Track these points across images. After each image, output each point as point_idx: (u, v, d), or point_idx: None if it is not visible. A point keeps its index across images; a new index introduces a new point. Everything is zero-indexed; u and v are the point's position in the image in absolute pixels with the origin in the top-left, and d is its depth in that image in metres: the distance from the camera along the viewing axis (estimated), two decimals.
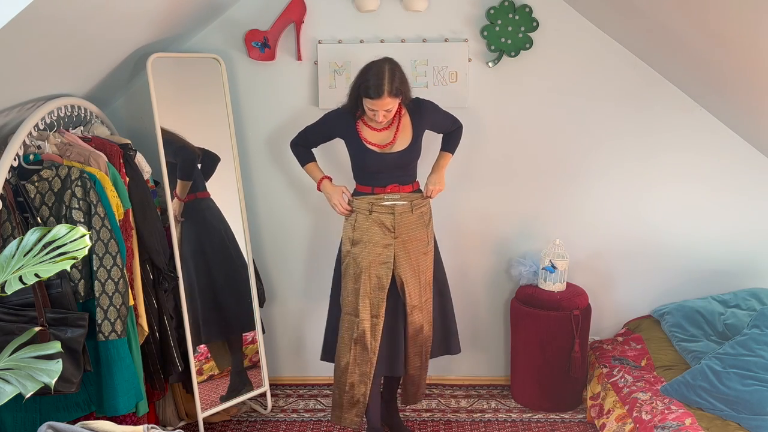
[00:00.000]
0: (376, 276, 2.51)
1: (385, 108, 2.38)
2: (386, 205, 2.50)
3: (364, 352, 2.52)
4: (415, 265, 2.56)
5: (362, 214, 2.51)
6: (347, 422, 2.60)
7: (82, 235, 1.48)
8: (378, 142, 2.50)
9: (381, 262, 2.51)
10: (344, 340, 2.54)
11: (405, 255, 2.53)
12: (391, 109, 2.40)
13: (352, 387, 2.54)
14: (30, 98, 2.18)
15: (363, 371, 2.53)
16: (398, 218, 2.51)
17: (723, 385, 2.30)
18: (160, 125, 2.63)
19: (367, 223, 2.51)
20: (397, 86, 2.37)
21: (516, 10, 2.83)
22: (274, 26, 2.86)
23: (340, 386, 2.57)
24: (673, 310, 2.93)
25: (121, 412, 2.19)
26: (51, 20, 1.79)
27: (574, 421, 2.93)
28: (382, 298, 2.51)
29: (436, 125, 2.64)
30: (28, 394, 1.37)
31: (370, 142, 2.50)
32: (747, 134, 2.91)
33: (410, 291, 2.54)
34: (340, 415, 2.60)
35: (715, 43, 2.30)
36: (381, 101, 2.35)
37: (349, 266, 2.54)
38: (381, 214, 2.50)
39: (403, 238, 2.53)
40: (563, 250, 2.94)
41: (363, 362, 2.52)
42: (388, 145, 2.50)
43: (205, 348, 2.82)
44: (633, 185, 3.05)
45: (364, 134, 2.51)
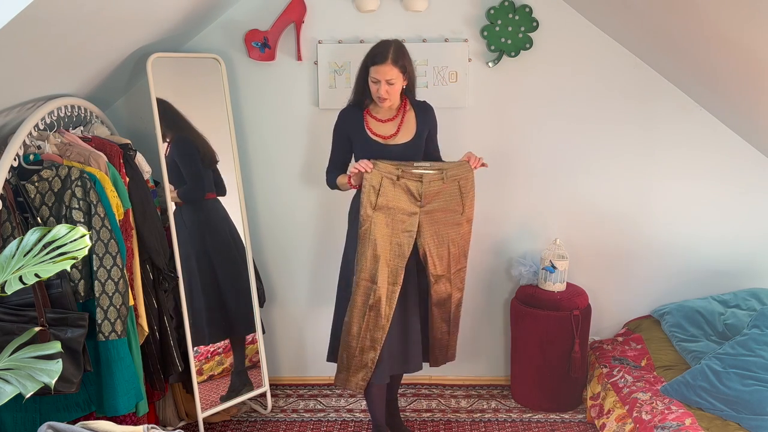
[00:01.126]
0: (398, 243, 2.46)
1: (388, 77, 2.37)
2: (415, 173, 2.45)
3: (377, 319, 2.47)
4: (442, 235, 2.52)
5: (389, 179, 2.43)
6: (353, 386, 2.55)
7: (82, 235, 1.48)
8: (382, 133, 2.51)
9: (404, 230, 2.47)
10: (357, 306, 2.49)
11: (430, 225, 2.50)
12: (394, 84, 2.39)
13: (362, 352, 2.50)
14: (30, 98, 2.18)
15: (374, 337, 2.49)
16: (426, 186, 2.46)
17: (723, 385, 2.30)
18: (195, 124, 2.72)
19: (394, 189, 2.44)
20: (401, 60, 2.38)
21: (516, 10, 2.83)
22: (274, 26, 2.86)
23: (350, 351, 2.51)
24: (673, 310, 2.93)
25: (121, 412, 2.19)
26: (51, 20, 1.79)
27: (574, 421, 2.93)
28: (402, 267, 2.48)
29: (430, 137, 2.62)
30: (28, 394, 1.37)
31: (375, 133, 2.51)
32: (747, 134, 2.92)
33: (434, 261, 2.51)
34: (346, 378, 2.55)
35: (715, 43, 2.30)
36: (384, 67, 2.36)
37: (369, 232, 2.45)
38: (409, 181, 2.45)
39: (430, 207, 2.49)
40: (563, 250, 2.94)
41: (375, 328, 2.48)
42: (392, 137, 2.51)
43: (205, 347, 2.82)
44: (633, 185, 3.05)
45: (369, 125, 2.51)
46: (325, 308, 3.18)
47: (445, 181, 2.48)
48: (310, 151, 3.06)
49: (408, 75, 2.45)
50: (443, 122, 2.99)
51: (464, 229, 2.58)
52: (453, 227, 2.55)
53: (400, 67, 2.39)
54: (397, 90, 2.44)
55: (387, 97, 2.42)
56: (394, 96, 2.44)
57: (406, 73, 2.43)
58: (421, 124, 2.55)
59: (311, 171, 3.07)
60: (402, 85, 2.45)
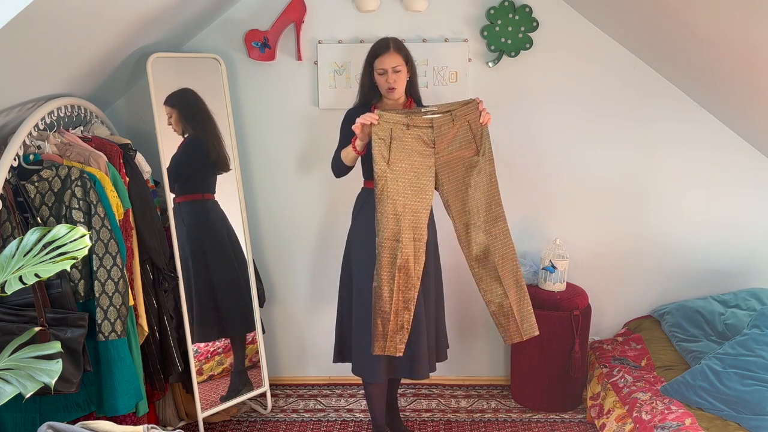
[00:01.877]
0: (418, 197, 2.39)
1: (393, 65, 2.41)
2: (425, 118, 2.37)
3: (407, 278, 2.41)
4: (462, 180, 2.43)
5: (398, 128, 2.35)
6: (393, 350, 2.45)
7: (82, 235, 1.48)
8: None
9: (422, 182, 2.39)
10: (385, 268, 2.39)
11: (448, 171, 2.42)
12: (401, 72, 2.43)
13: (396, 314, 2.43)
14: (30, 98, 2.18)
15: (407, 297, 2.43)
16: (437, 131, 2.37)
17: (723, 385, 2.30)
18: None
19: (404, 139, 2.36)
20: (403, 49, 2.45)
21: (516, 10, 2.83)
22: (274, 26, 2.86)
23: (384, 315, 2.42)
24: (673, 310, 2.93)
25: (121, 412, 2.19)
26: (51, 20, 1.79)
27: (574, 421, 2.93)
28: (425, 220, 2.41)
29: None
30: (28, 394, 1.37)
31: None
32: (747, 134, 2.92)
33: (458, 208, 2.44)
34: (384, 344, 2.44)
35: (715, 43, 2.30)
36: (388, 56, 2.41)
37: (385, 189, 2.36)
38: (419, 129, 2.37)
39: (446, 153, 2.41)
40: (563, 250, 2.94)
41: (407, 288, 2.42)
42: None
43: (204, 347, 2.82)
44: (633, 185, 3.05)
45: None
46: (325, 308, 3.18)
47: (455, 123, 2.39)
48: (310, 150, 3.06)
49: (410, 66, 2.49)
50: None
51: (486, 170, 2.44)
52: (472, 170, 2.43)
53: (404, 55, 2.45)
54: (403, 79, 2.46)
55: (395, 86, 2.43)
56: (401, 85, 2.46)
57: (409, 63, 2.48)
58: None
59: (311, 171, 3.07)
60: (406, 76, 2.48)
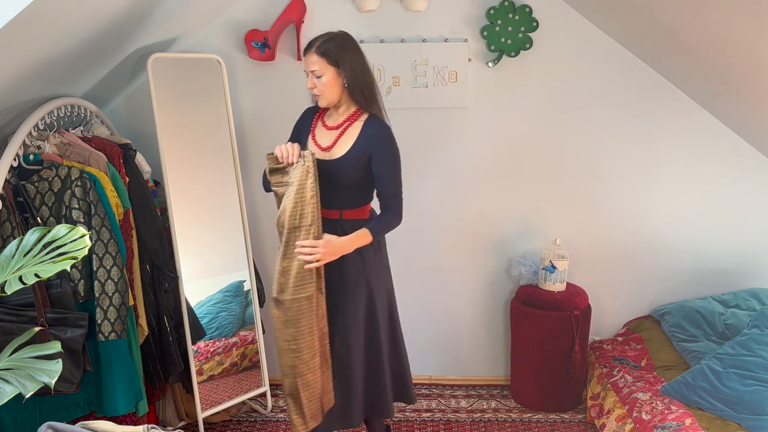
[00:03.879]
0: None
1: (312, 68, 2.10)
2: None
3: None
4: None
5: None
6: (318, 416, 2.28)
7: (82, 235, 1.48)
8: (321, 142, 2.22)
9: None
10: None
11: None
12: (321, 76, 2.10)
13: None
14: (30, 98, 2.18)
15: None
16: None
17: (723, 385, 2.30)
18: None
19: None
20: (330, 49, 2.08)
21: (516, 10, 2.83)
22: (274, 26, 2.86)
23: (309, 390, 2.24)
24: (673, 310, 2.93)
25: (121, 412, 2.19)
26: (51, 20, 1.79)
27: (574, 421, 2.93)
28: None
29: (378, 164, 2.16)
30: (28, 394, 1.37)
31: (316, 141, 2.24)
32: (747, 135, 2.92)
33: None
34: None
35: (715, 43, 2.30)
36: (309, 57, 2.10)
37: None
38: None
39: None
40: (563, 250, 2.94)
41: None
42: (329, 149, 2.19)
43: (204, 347, 2.82)
44: (633, 185, 3.05)
45: (315, 130, 2.27)
46: None
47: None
48: None
49: (345, 70, 2.11)
50: (443, 122, 3.00)
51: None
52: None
53: (327, 55, 2.09)
54: (328, 85, 2.12)
55: (318, 93, 2.15)
56: (326, 92, 2.14)
57: (340, 67, 2.10)
58: (360, 143, 2.15)
59: None
60: (341, 82, 2.13)
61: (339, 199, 2.20)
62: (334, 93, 2.15)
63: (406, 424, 2.92)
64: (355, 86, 2.14)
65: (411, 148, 3.03)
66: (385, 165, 2.17)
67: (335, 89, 2.14)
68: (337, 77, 2.12)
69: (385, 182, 2.18)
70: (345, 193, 2.20)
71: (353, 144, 2.15)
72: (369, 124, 2.16)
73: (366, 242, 2.15)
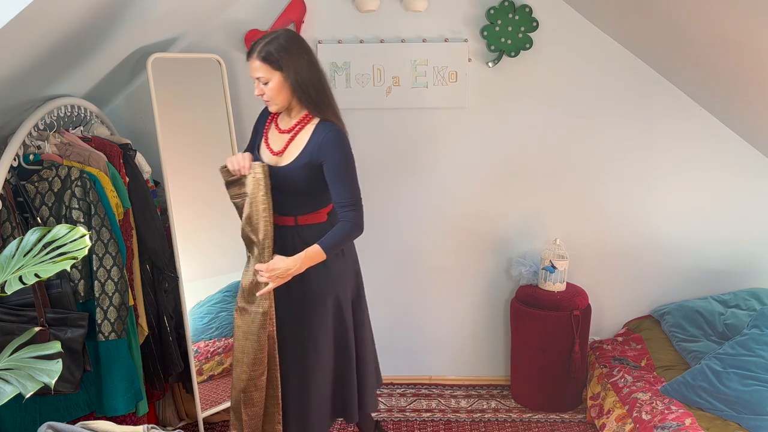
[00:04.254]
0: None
1: (257, 75, 2.01)
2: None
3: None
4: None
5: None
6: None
7: (82, 235, 1.48)
8: (274, 146, 2.14)
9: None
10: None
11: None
12: (267, 82, 2.01)
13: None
14: (30, 98, 2.18)
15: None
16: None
17: (723, 385, 2.30)
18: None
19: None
20: (272, 53, 1.97)
21: (516, 10, 2.83)
22: (274, 26, 2.86)
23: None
24: (673, 310, 2.93)
25: (121, 412, 2.19)
26: (51, 20, 1.79)
27: (574, 421, 2.93)
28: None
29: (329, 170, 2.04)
30: (28, 394, 1.37)
31: (269, 145, 2.16)
32: (747, 134, 2.92)
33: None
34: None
35: (716, 43, 2.30)
36: (252, 63, 2.01)
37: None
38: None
39: None
40: (563, 250, 2.94)
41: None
42: (280, 153, 2.11)
43: (204, 347, 2.82)
44: (633, 184, 3.05)
45: (269, 133, 2.19)
46: None
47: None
48: None
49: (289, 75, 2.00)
50: (443, 122, 3.00)
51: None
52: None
53: (269, 60, 1.98)
54: (276, 90, 2.02)
55: (267, 99, 2.06)
56: (275, 98, 2.04)
57: (283, 70, 1.99)
58: (309, 149, 2.05)
59: None
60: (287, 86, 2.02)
61: (293, 205, 2.12)
62: (284, 98, 2.05)
63: (406, 424, 2.92)
64: (300, 90, 2.02)
65: (411, 148, 3.04)
66: (337, 170, 2.03)
67: (284, 94, 2.04)
68: (284, 81, 2.01)
69: (338, 189, 2.04)
70: (299, 200, 2.12)
71: (302, 150, 2.06)
72: (319, 128, 2.05)
73: (320, 260, 2.03)
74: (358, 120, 2.97)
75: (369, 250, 3.09)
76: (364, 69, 2.92)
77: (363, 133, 2.99)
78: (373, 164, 3.03)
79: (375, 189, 3.05)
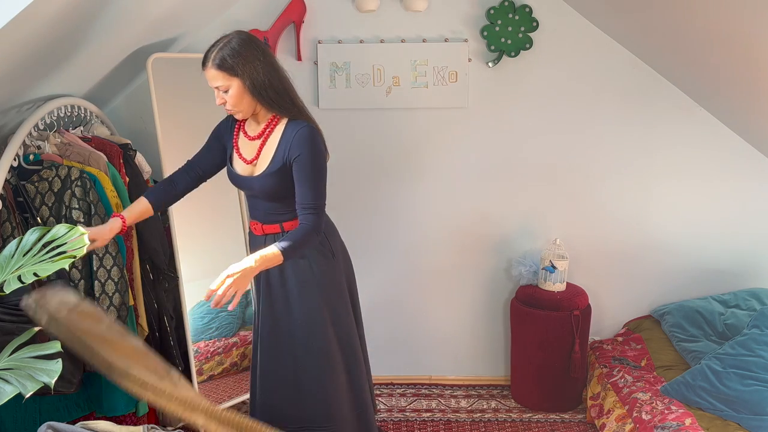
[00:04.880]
0: None
1: (215, 84, 1.92)
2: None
3: None
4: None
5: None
6: None
7: (80, 234, 1.48)
8: (246, 155, 2.05)
9: None
10: None
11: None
12: (227, 90, 1.92)
13: None
14: (30, 98, 2.18)
15: None
16: None
17: (723, 385, 2.30)
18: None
19: None
20: (225, 59, 1.88)
21: (516, 10, 2.83)
22: (274, 26, 2.86)
23: None
24: (673, 310, 2.93)
25: (121, 412, 2.19)
26: (51, 20, 1.79)
27: (574, 421, 2.93)
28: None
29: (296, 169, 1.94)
30: (28, 394, 1.37)
31: (240, 154, 2.06)
32: (747, 134, 2.91)
33: None
34: None
35: (716, 43, 2.30)
36: (207, 73, 1.92)
37: None
38: None
39: None
40: (563, 250, 2.94)
41: None
42: (253, 162, 2.02)
43: (204, 347, 2.82)
44: (633, 185, 3.05)
45: (239, 142, 2.08)
46: None
47: None
48: None
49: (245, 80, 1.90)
50: (443, 122, 3.00)
51: None
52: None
53: (224, 67, 1.89)
54: (237, 98, 1.92)
55: (229, 108, 1.96)
56: (238, 105, 1.94)
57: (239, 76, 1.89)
58: (280, 152, 1.95)
59: None
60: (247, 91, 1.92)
61: (276, 212, 2.04)
62: (247, 104, 1.94)
63: (406, 424, 2.92)
64: (260, 94, 1.91)
65: (411, 148, 3.04)
66: (305, 169, 1.92)
67: (246, 100, 1.93)
68: (243, 87, 1.91)
69: (303, 190, 1.93)
70: (282, 205, 2.03)
71: (274, 154, 1.97)
72: (289, 128, 1.96)
73: (277, 263, 1.89)
74: (358, 120, 2.97)
75: (369, 250, 3.09)
76: (364, 69, 2.92)
77: (363, 133, 2.99)
78: (373, 164, 3.03)
79: (375, 189, 3.05)
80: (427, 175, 3.06)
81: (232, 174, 2.08)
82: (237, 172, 2.05)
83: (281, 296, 2.08)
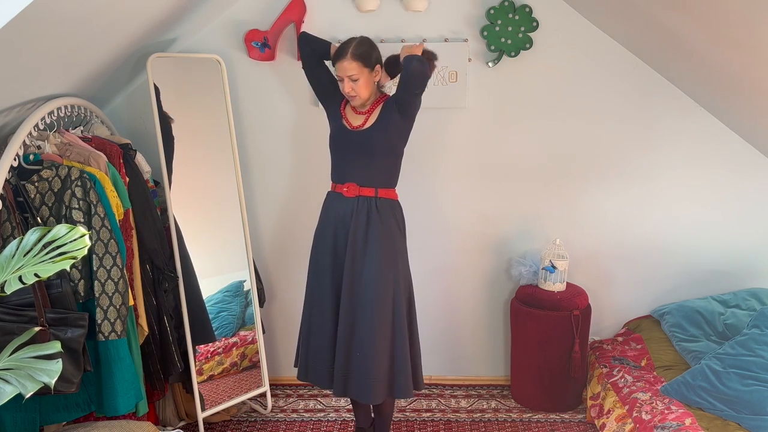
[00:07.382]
0: None
1: (349, 73, 2.31)
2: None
3: None
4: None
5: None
6: None
7: (81, 234, 1.48)
8: (353, 122, 2.44)
9: None
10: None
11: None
12: (357, 80, 2.33)
13: None
14: (30, 98, 2.18)
15: None
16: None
17: (723, 385, 2.30)
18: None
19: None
20: (362, 52, 2.31)
21: (516, 10, 2.83)
22: (274, 26, 2.86)
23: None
24: (673, 310, 2.93)
25: (121, 412, 2.19)
26: (51, 20, 1.79)
27: (574, 421, 2.93)
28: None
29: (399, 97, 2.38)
30: (28, 394, 1.37)
31: (347, 119, 2.44)
32: (747, 134, 2.92)
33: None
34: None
35: (716, 43, 2.30)
36: (343, 63, 2.31)
37: None
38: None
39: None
40: (563, 250, 2.94)
41: None
42: (359, 128, 2.41)
43: (204, 347, 2.82)
44: (633, 185, 3.05)
45: (345, 111, 2.47)
46: None
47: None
48: (309, 151, 3.05)
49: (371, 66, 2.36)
50: (443, 122, 3.01)
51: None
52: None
53: (361, 58, 2.31)
54: (365, 86, 2.35)
55: (354, 94, 2.36)
56: (362, 92, 2.36)
57: (369, 64, 2.34)
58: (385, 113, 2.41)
59: (311, 171, 3.07)
60: (373, 80, 2.38)
61: (374, 175, 2.38)
62: (369, 92, 2.37)
63: (406, 424, 2.92)
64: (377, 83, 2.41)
65: (411, 148, 3.02)
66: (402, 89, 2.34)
67: (370, 88, 2.37)
68: (370, 77, 2.35)
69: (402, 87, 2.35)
70: (379, 168, 2.39)
71: (379, 114, 2.39)
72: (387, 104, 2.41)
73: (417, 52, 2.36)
74: None
75: None
76: None
77: None
78: None
79: None
80: (427, 174, 3.06)
81: (342, 130, 2.42)
82: (347, 128, 2.41)
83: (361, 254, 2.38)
